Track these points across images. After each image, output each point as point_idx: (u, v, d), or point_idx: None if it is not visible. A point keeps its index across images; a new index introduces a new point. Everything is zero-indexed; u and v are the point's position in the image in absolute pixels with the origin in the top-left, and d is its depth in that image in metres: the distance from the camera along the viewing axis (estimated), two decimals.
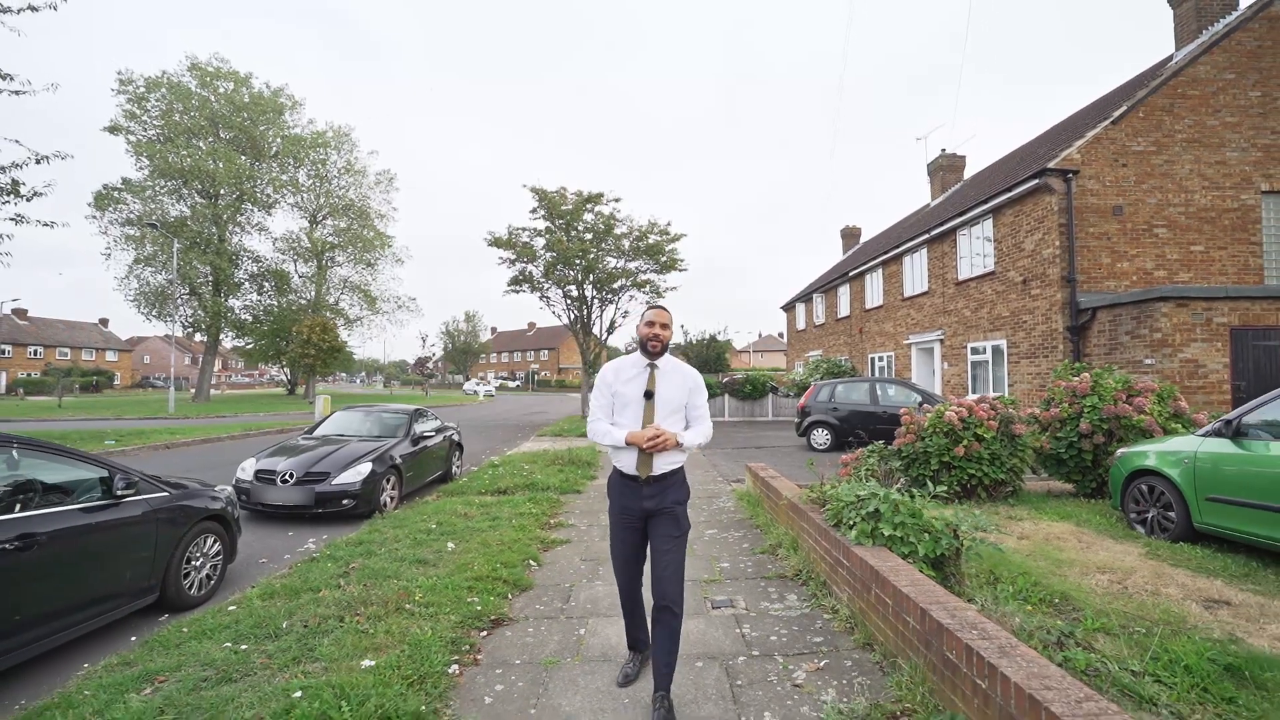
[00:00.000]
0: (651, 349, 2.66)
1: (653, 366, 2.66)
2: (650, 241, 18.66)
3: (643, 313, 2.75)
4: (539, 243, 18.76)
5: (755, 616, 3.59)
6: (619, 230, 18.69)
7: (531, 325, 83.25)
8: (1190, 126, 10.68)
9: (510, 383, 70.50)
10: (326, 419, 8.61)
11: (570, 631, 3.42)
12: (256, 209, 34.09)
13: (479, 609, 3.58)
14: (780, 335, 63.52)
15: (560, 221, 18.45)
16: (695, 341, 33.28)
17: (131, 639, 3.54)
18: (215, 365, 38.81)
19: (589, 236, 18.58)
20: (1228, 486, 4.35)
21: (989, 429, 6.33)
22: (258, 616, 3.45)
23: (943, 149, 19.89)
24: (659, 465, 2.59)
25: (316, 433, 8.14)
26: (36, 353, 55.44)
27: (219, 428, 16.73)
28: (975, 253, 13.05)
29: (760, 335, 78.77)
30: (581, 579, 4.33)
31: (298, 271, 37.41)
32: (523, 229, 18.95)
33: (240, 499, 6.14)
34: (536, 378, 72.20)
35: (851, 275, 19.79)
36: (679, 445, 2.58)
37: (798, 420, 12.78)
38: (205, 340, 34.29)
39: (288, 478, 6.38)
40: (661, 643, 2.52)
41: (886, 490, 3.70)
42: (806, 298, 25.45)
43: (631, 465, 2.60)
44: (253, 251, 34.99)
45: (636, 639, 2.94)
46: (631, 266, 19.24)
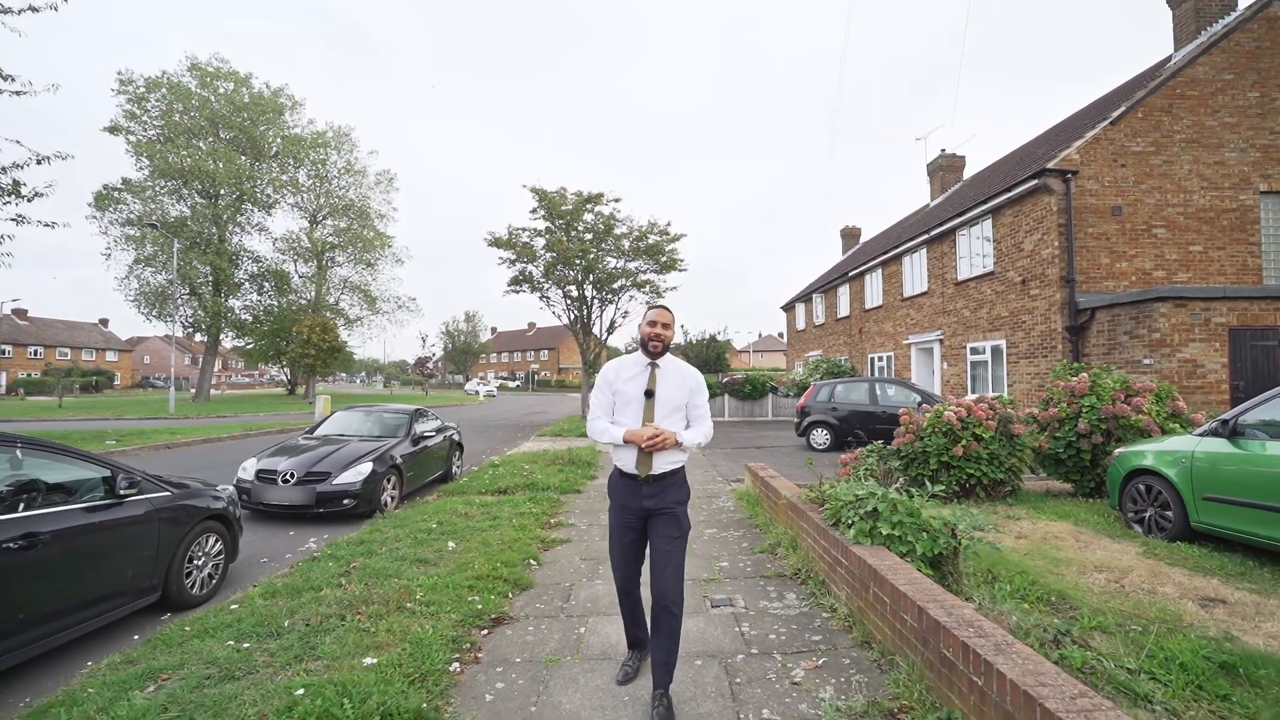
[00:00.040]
0: (653, 349, 2.67)
1: (654, 366, 2.67)
2: (650, 242, 18.68)
3: (645, 312, 2.76)
4: (539, 243, 18.79)
5: (754, 615, 3.61)
6: (619, 230, 18.71)
7: (531, 325, 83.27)
8: (1189, 127, 10.70)
9: (510, 383, 70.51)
10: (327, 419, 8.64)
11: (570, 630, 3.44)
12: (256, 209, 34.14)
13: (480, 608, 3.60)
14: (780, 335, 63.53)
15: (560, 222, 18.47)
16: (695, 341, 33.31)
17: (134, 637, 3.57)
18: (215, 365, 38.82)
19: (589, 237, 18.60)
20: (1224, 486, 4.37)
21: (987, 429, 6.35)
22: (260, 615, 3.47)
23: (942, 149, 19.92)
24: (659, 465, 2.59)
25: (317, 433, 8.16)
26: (37, 353, 55.48)
27: (219, 428, 16.76)
28: (975, 253, 13.07)
29: (760, 335, 78.81)
30: (582, 578, 4.35)
31: (298, 271, 37.49)
32: (523, 229, 18.98)
33: (241, 499, 6.17)
34: (536, 378, 72.21)
35: (851, 275, 19.82)
36: (679, 444, 2.58)
37: (797, 420, 12.81)
38: (205, 340, 34.34)
39: (289, 477, 6.40)
40: (661, 642, 2.52)
41: (885, 490, 3.72)
42: (806, 298, 25.47)
43: (631, 464, 2.61)
44: (253, 251, 35.08)
45: (636, 637, 2.95)
46: (631, 267, 19.26)
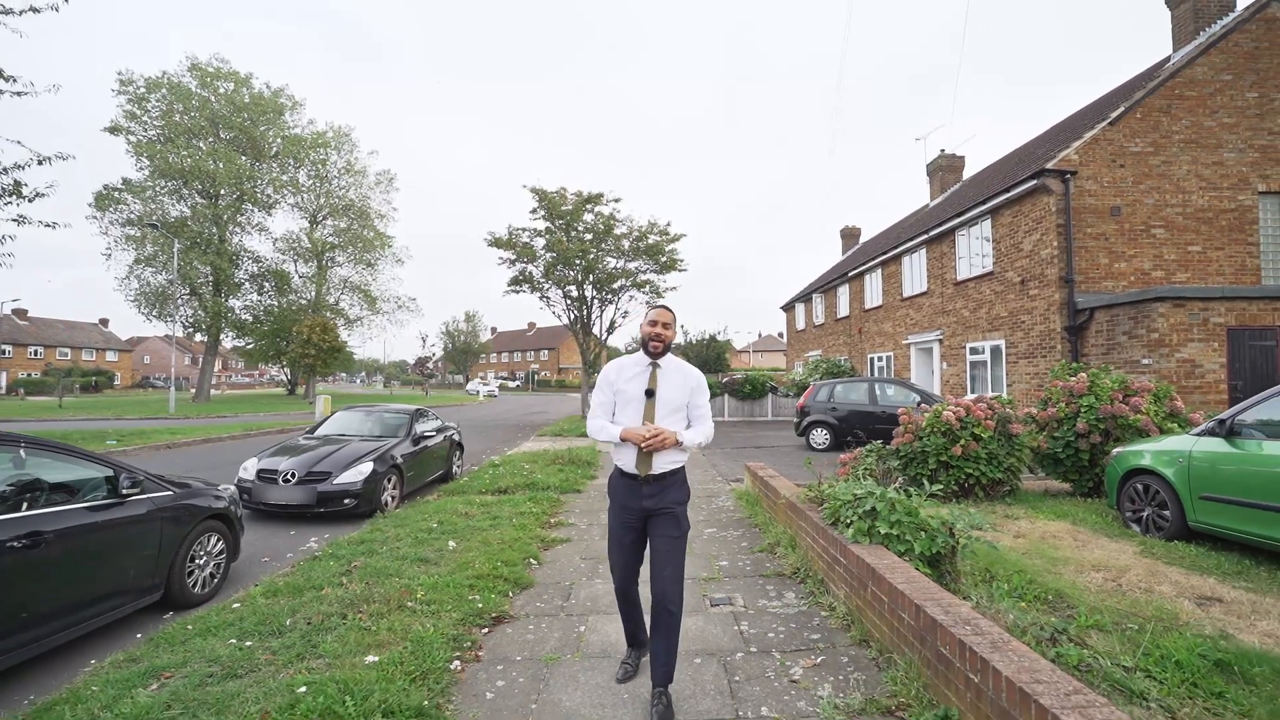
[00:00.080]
0: (653, 349, 2.68)
1: (655, 365, 2.68)
2: (650, 242, 18.71)
3: (646, 312, 2.78)
4: (539, 243, 18.81)
5: (753, 614, 3.63)
6: (619, 230, 18.74)
7: (531, 325, 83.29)
8: (1188, 127, 10.72)
9: (510, 383, 70.55)
10: (328, 419, 8.66)
11: (570, 629, 3.46)
12: (257, 209, 34.18)
13: (480, 606, 3.62)
14: (780, 335, 63.55)
15: (560, 222, 18.50)
16: (695, 341, 33.34)
17: (137, 636, 3.58)
18: (215, 365, 38.85)
19: (589, 237, 18.63)
20: (1221, 485, 4.39)
21: (986, 429, 6.37)
22: (261, 614, 3.49)
23: (941, 149, 19.94)
24: (659, 464, 2.60)
25: (318, 433, 8.18)
26: (37, 353, 55.49)
27: (220, 428, 16.78)
28: (974, 253, 13.09)
29: (760, 335, 78.84)
30: (581, 577, 4.37)
31: (298, 271, 37.54)
32: (523, 229, 19.01)
33: (243, 498, 6.18)
34: (536, 378, 72.25)
35: (851, 275, 19.84)
36: (679, 444, 2.59)
37: (797, 420, 12.82)
38: (205, 340, 34.38)
39: (289, 477, 6.42)
40: (660, 642, 2.53)
41: (883, 489, 3.74)
42: (806, 298, 25.49)
43: (631, 464, 2.61)
44: (253, 252, 35.14)
45: (635, 636, 2.95)
46: (631, 267, 19.29)
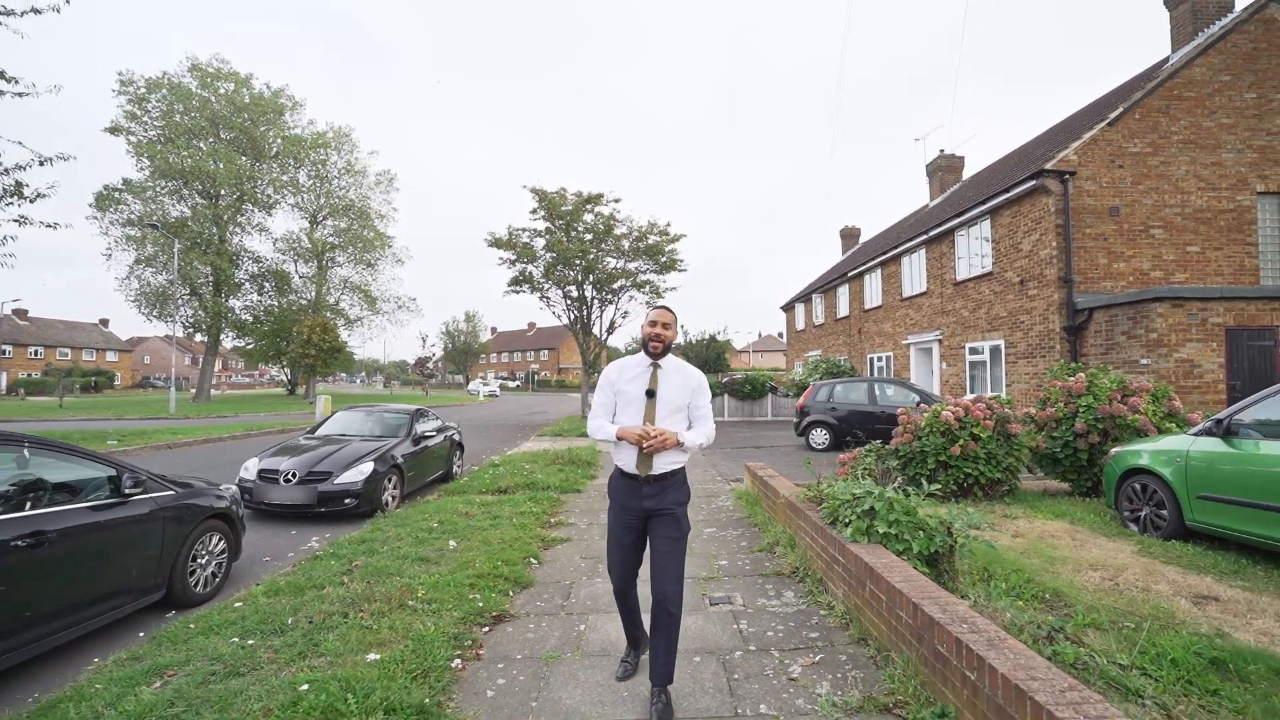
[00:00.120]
0: (653, 349, 2.68)
1: (656, 366, 2.69)
2: (650, 242, 18.73)
3: (647, 313, 2.79)
4: (539, 243, 18.84)
5: (753, 613, 3.65)
6: (619, 231, 18.77)
7: (531, 325, 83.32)
8: (1186, 128, 10.74)
9: (510, 383, 70.59)
10: (328, 419, 8.68)
11: (570, 627, 3.48)
12: (257, 209, 34.22)
13: (481, 605, 3.64)
14: (780, 335, 63.57)
15: (560, 222, 18.53)
16: (695, 341, 33.32)
17: (140, 634, 3.60)
18: (215, 365, 38.86)
19: (589, 237, 18.65)
20: (1218, 485, 4.41)
21: (985, 428, 6.39)
22: (263, 613, 3.51)
23: (941, 150, 19.97)
24: (659, 465, 2.60)
25: (318, 433, 8.20)
26: (37, 353, 55.51)
27: (220, 428, 16.80)
28: (973, 253, 13.11)
29: (760, 335, 78.87)
30: (582, 576, 4.39)
31: (298, 272, 37.57)
32: (523, 230, 19.03)
33: (244, 498, 6.19)
34: (536, 378, 72.28)
35: (850, 276, 19.86)
36: (680, 444, 2.59)
37: (796, 420, 12.85)
38: (206, 340, 34.40)
39: (290, 477, 6.44)
40: (660, 641, 2.54)
41: (882, 489, 3.76)
42: (806, 298, 25.51)
43: (632, 464, 2.62)
44: (253, 252, 35.17)
45: (634, 636, 2.96)
46: (631, 267, 19.31)
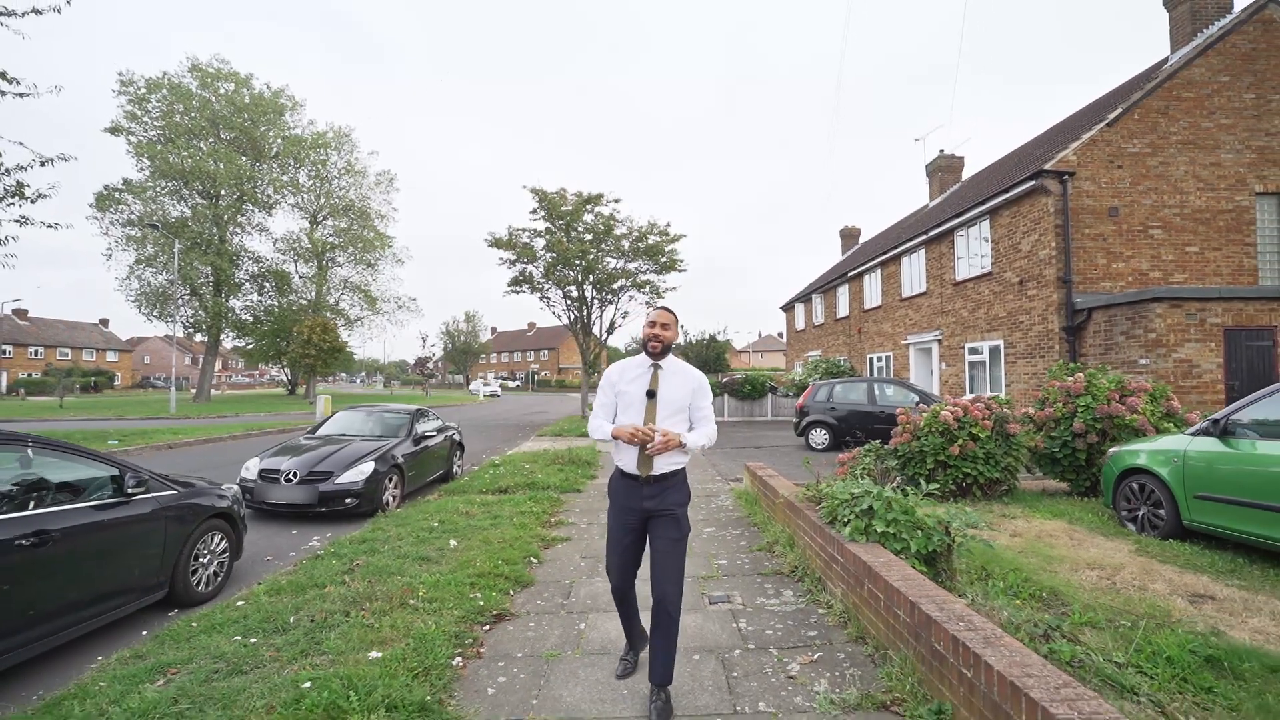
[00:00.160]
0: (652, 349, 2.69)
1: (657, 367, 2.70)
2: (650, 242, 18.75)
3: (647, 313, 2.80)
4: (539, 243, 18.86)
5: (752, 611, 3.67)
6: (619, 231, 18.79)
7: (531, 325, 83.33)
8: (1185, 128, 10.76)
9: (510, 383, 70.61)
10: (329, 419, 8.70)
11: (571, 626, 3.50)
12: (257, 210, 34.25)
13: (481, 604, 3.66)
14: (780, 335, 63.59)
15: (560, 222, 18.55)
16: (695, 341, 33.30)
17: (143, 633, 3.62)
18: (215, 365, 38.88)
19: (589, 237, 18.68)
20: (1215, 484, 4.44)
21: (984, 428, 6.41)
22: (265, 611, 3.53)
23: (941, 150, 19.99)
24: (660, 465, 2.61)
25: (319, 433, 8.22)
26: (37, 353, 55.52)
27: (221, 428, 16.82)
28: (973, 253, 13.13)
29: (760, 335, 78.90)
30: (582, 575, 4.41)
31: (298, 272, 37.60)
32: (523, 230, 19.06)
33: (245, 498, 6.21)
34: (536, 378, 72.30)
35: (850, 276, 19.88)
36: (682, 446, 2.58)
37: (796, 420, 12.87)
38: (206, 340, 34.44)
39: (291, 477, 6.46)
40: (660, 642, 2.55)
41: (880, 488, 3.78)
42: (806, 298, 25.54)
43: (632, 464, 2.62)
44: (253, 252, 35.21)
45: (633, 634, 2.98)
46: (631, 267, 19.33)
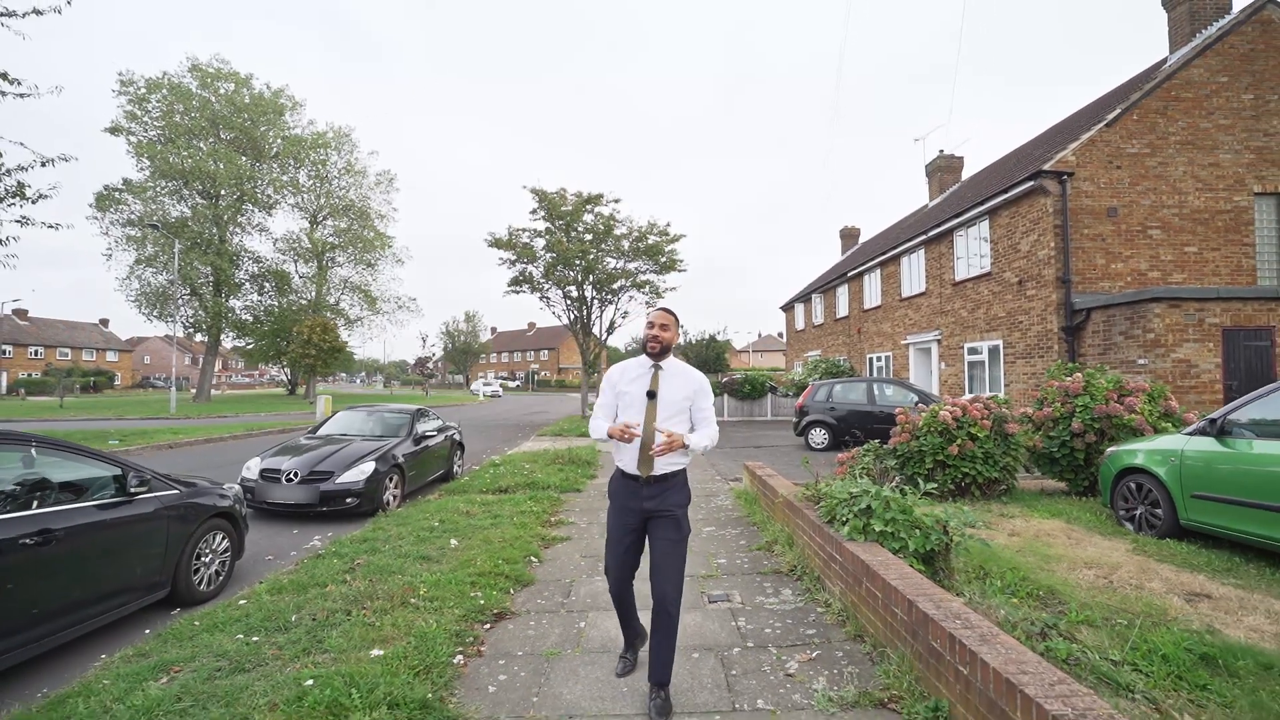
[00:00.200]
0: (651, 349, 2.70)
1: (657, 368, 2.71)
2: (650, 242, 18.78)
3: (647, 314, 2.82)
4: (539, 244, 18.89)
5: (751, 610, 3.69)
6: (619, 231, 18.82)
7: (531, 325, 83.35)
8: (1184, 129, 10.78)
9: (510, 383, 70.64)
10: (329, 419, 8.72)
11: (571, 625, 3.53)
12: (257, 210, 34.27)
13: (482, 603, 3.69)
14: (780, 335, 63.63)
15: (560, 222, 18.57)
16: (695, 341, 33.34)
17: (145, 632, 3.65)
18: (216, 365, 38.88)
19: (589, 237, 18.70)
20: (1212, 484, 4.46)
21: (982, 428, 6.43)
22: (267, 610, 3.55)
23: (940, 150, 20.02)
24: (660, 466, 2.62)
25: (320, 432, 8.24)
26: (37, 353, 55.52)
27: (221, 428, 16.84)
28: (972, 254, 13.15)
29: (760, 335, 78.94)
30: (582, 574, 4.43)
31: (298, 272, 37.61)
32: (523, 230, 19.08)
33: (246, 497, 6.23)
34: (536, 378, 72.32)
35: (850, 276, 19.90)
36: (685, 447, 2.59)
37: (795, 420, 12.89)
38: (206, 340, 34.45)
39: (292, 476, 6.48)
40: (660, 641, 2.57)
41: (878, 488, 3.80)
42: (805, 298, 25.56)
43: (633, 465, 2.63)
44: (253, 252, 35.23)
45: (631, 633, 2.99)
46: (631, 267, 19.36)
